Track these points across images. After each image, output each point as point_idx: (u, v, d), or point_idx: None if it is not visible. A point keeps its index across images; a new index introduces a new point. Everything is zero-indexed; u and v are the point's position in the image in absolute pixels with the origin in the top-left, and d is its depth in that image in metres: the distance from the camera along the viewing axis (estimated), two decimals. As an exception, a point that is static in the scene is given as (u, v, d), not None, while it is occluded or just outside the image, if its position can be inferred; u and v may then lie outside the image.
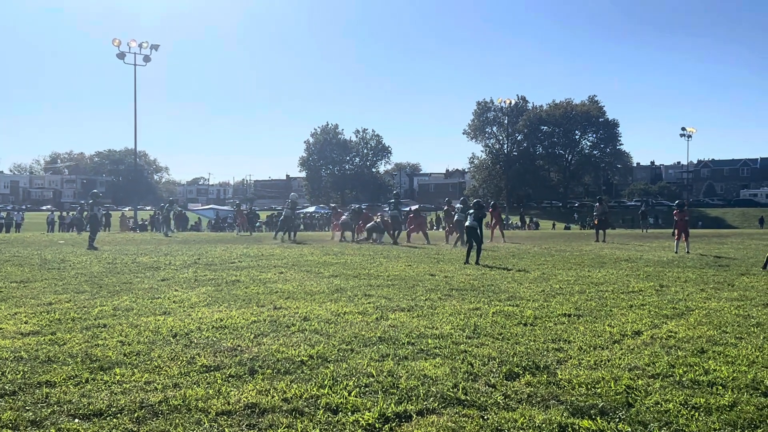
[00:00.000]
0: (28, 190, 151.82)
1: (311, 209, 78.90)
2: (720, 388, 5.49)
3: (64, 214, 52.29)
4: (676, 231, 21.81)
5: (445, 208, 30.05)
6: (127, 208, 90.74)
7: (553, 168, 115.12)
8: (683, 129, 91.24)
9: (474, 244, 16.96)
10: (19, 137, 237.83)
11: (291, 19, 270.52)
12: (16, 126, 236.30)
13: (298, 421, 4.61)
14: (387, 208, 29.16)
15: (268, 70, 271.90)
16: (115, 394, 5.11)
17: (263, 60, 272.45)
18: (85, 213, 30.46)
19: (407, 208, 29.45)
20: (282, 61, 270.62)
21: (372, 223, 28.10)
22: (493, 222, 30.38)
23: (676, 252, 20.78)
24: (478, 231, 17.11)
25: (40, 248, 20.87)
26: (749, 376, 5.79)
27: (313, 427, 4.48)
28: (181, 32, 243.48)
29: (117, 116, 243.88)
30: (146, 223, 52.70)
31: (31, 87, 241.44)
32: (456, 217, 23.71)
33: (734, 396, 5.25)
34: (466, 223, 17.83)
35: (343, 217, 29.66)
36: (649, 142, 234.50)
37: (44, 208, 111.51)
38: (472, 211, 17.83)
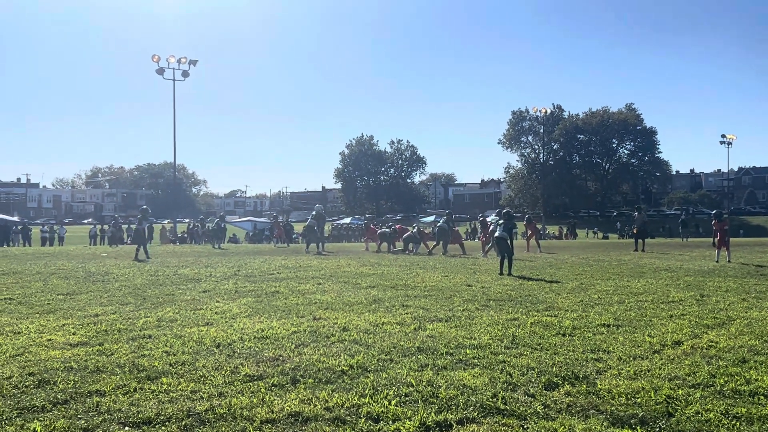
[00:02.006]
0: (69, 204, 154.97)
1: (347, 220, 79.22)
2: (762, 397, 5.46)
3: (105, 227, 53.25)
4: (716, 240, 21.56)
5: (481, 218, 30.16)
6: (166, 221, 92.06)
7: (590, 177, 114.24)
8: (723, 136, 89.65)
9: (505, 254, 16.89)
10: (61, 152, 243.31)
11: (326, 31, 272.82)
12: (58, 141, 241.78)
13: (341, 429, 4.71)
14: (440, 220, 29.39)
15: (304, 83, 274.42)
16: (163, 402, 5.26)
17: (298, 72, 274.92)
18: (134, 226, 31.20)
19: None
20: (317, 74, 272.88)
21: (408, 233, 28.22)
22: (529, 234, 30.44)
23: (717, 261, 20.50)
24: (508, 241, 17.06)
25: (84, 261, 21.32)
26: (792, 386, 5.75)
27: (356, 436, 4.58)
28: (218, 46, 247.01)
29: (156, 130, 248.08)
30: (185, 235, 53.37)
31: (72, 103, 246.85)
32: (491, 227, 23.76)
33: (776, 406, 5.22)
34: (496, 234, 17.81)
35: (384, 229, 29.81)
36: (689, 150, 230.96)
37: (86, 221, 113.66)
38: (501, 221, 17.82)
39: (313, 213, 28.86)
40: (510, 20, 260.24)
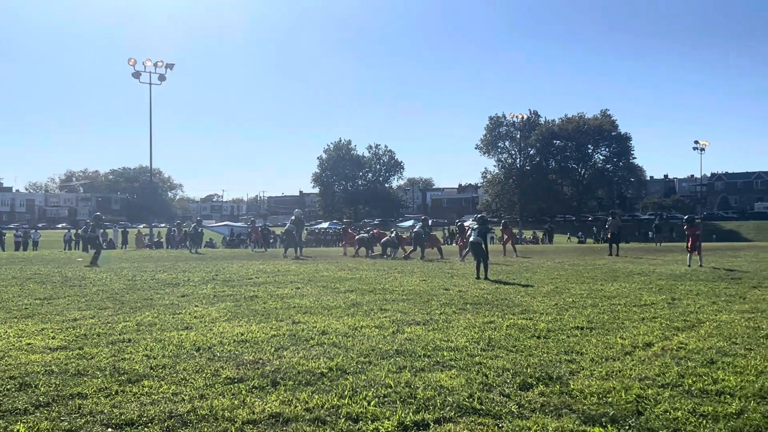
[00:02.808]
0: (43, 209, 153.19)
1: (325, 225, 79.23)
2: (728, 396, 5.65)
3: (80, 232, 52.85)
4: (688, 245, 21.90)
5: (458, 223, 30.41)
6: (141, 225, 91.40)
7: (566, 182, 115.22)
8: (696, 142, 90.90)
9: (481, 258, 17.02)
10: (35, 156, 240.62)
11: (304, 36, 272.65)
12: (32, 145, 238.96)
13: (321, 429, 4.82)
14: (417, 225, 29.63)
15: (282, 87, 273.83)
16: (145, 405, 5.34)
17: (276, 76, 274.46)
18: (80, 231, 30.92)
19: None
20: (295, 78, 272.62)
21: (386, 238, 28.37)
22: (505, 238, 30.68)
23: (689, 265, 20.82)
24: (483, 246, 17.21)
25: (60, 266, 21.20)
26: (757, 386, 5.95)
27: (335, 435, 4.70)
28: (195, 50, 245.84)
29: (131, 134, 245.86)
30: (162, 240, 53.07)
31: (46, 106, 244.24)
32: (468, 232, 24.01)
33: (741, 404, 5.41)
34: (471, 239, 17.99)
35: (362, 234, 29.96)
36: (663, 156, 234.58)
37: (60, 226, 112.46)
38: (476, 226, 17.99)
39: (292, 218, 28.95)
40: (487, 26, 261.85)
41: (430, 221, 31.14)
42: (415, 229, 28.82)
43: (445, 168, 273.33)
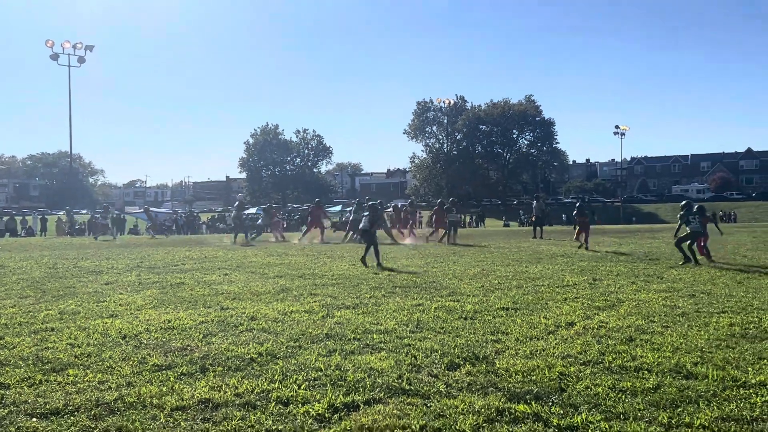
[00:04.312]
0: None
1: (252, 210, 78.29)
2: (646, 372, 5.89)
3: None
4: (577, 231, 21.79)
5: (387, 208, 30.61)
6: (61, 212, 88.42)
7: (492, 166, 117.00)
8: (617, 127, 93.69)
9: (371, 245, 16.63)
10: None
11: (228, 17, 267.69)
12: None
13: (251, 413, 4.82)
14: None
15: (206, 69, 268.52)
16: (70, 393, 5.24)
17: (201, 59, 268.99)
18: None
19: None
20: (220, 60, 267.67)
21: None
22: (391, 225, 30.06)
23: (587, 248, 20.71)
24: (372, 233, 16.99)
25: (-25, 254, 20.40)
26: (673, 361, 6.22)
27: (266, 419, 4.71)
28: (116, 31, 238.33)
29: (50, 118, 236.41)
30: (83, 227, 51.52)
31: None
32: (352, 217, 24.79)
33: (658, 379, 5.66)
34: (360, 226, 18.12)
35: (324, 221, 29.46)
36: (585, 140, 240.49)
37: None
38: (367, 213, 17.85)
39: (236, 203, 28.82)
40: (415, 11, 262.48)
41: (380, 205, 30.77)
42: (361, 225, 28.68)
43: (374, 153, 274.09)
